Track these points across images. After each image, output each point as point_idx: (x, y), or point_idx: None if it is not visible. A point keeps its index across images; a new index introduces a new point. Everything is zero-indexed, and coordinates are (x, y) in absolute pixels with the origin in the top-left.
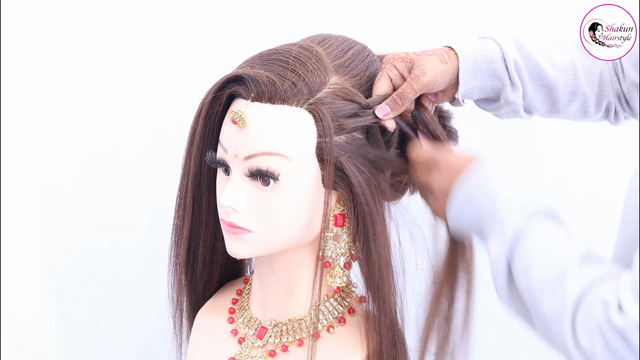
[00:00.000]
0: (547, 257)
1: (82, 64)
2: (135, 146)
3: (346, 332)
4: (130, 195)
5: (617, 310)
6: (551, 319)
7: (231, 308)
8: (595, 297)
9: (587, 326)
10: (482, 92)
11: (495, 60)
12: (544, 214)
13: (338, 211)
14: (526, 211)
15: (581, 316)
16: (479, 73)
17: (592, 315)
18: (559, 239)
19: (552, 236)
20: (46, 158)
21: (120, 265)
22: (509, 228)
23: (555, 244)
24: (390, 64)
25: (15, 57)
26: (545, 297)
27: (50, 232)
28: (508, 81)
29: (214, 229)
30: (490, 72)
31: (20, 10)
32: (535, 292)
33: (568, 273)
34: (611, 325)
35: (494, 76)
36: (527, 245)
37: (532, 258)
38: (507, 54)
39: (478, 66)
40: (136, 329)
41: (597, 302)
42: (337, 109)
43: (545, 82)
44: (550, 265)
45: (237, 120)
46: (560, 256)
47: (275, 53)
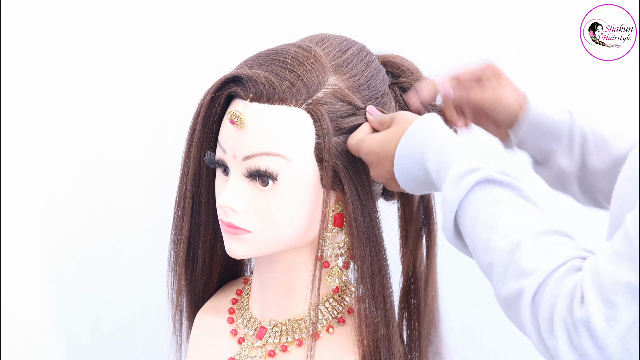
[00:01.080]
0: (490, 233)
1: (82, 65)
2: (134, 148)
3: (346, 332)
4: (130, 197)
5: (580, 302)
6: (508, 304)
7: (231, 308)
8: (560, 288)
9: (550, 320)
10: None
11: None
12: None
13: (337, 211)
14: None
15: (544, 308)
16: (540, 130)
17: (556, 308)
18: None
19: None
20: (46, 160)
21: (121, 267)
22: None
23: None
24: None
25: (16, 58)
26: (497, 281)
27: (51, 233)
28: (565, 144)
29: (214, 229)
30: (553, 133)
31: (20, 12)
32: (487, 274)
33: (518, 255)
34: (574, 318)
35: (554, 137)
36: (467, 220)
37: (474, 235)
38: (577, 121)
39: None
40: (136, 330)
41: (562, 294)
42: (335, 110)
43: (612, 157)
44: (496, 243)
45: (235, 121)
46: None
47: (274, 53)
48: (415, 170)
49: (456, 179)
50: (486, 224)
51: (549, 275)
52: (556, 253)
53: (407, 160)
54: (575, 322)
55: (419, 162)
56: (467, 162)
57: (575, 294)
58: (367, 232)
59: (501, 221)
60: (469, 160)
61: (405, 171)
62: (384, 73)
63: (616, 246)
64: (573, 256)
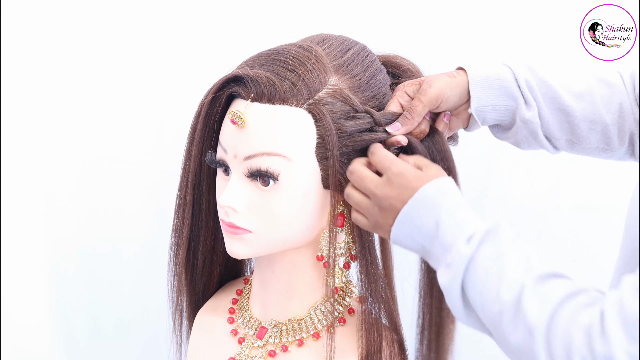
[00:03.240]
0: (498, 284)
1: (82, 65)
2: (135, 148)
3: (346, 332)
4: (130, 197)
5: (600, 337)
6: (520, 350)
7: (231, 308)
8: (574, 325)
9: (568, 359)
10: (496, 111)
11: (506, 79)
12: (489, 234)
13: (338, 211)
14: (471, 237)
15: (558, 347)
16: (490, 90)
17: (573, 347)
18: (506, 261)
19: (500, 259)
20: (46, 160)
21: (121, 267)
22: (457, 256)
23: (504, 266)
24: (401, 91)
25: (16, 58)
26: (507, 327)
27: (51, 232)
28: (521, 99)
29: (214, 229)
30: (502, 90)
31: (20, 12)
32: (497, 323)
33: (524, 298)
34: (594, 354)
35: (506, 95)
36: (476, 274)
37: (484, 287)
38: (518, 74)
39: (489, 83)
40: (136, 330)
41: (578, 332)
42: (336, 110)
43: (561, 105)
44: (504, 291)
45: (236, 121)
46: (512, 279)
47: (275, 53)
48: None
49: (467, 237)
50: (496, 274)
51: (555, 311)
52: (558, 290)
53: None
54: (595, 359)
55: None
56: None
57: (592, 330)
58: (368, 232)
59: (508, 270)
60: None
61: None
62: (385, 73)
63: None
64: (579, 290)
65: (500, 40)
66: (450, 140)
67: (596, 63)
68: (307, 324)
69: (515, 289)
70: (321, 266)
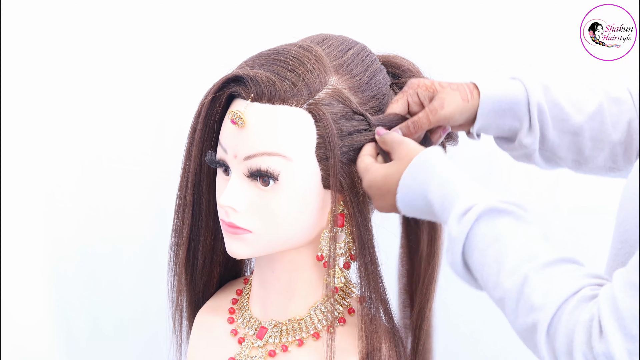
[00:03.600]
0: (498, 269)
1: (82, 66)
2: (135, 148)
3: (346, 332)
4: (130, 197)
5: (599, 335)
6: (524, 337)
7: (231, 308)
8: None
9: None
10: (499, 130)
11: (518, 102)
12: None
13: (338, 211)
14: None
15: (561, 342)
16: (499, 113)
17: (575, 343)
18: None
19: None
20: (46, 160)
21: (121, 267)
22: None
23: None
24: (412, 90)
25: (16, 58)
26: (510, 314)
27: (51, 232)
28: (527, 123)
29: (214, 229)
30: (511, 112)
31: (20, 12)
32: (500, 307)
33: (527, 289)
34: (594, 352)
35: (514, 117)
36: (475, 256)
37: (484, 271)
38: (532, 96)
39: (500, 106)
40: (136, 330)
41: (579, 328)
42: (336, 111)
43: (571, 128)
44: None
45: (236, 121)
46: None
47: (275, 53)
48: (419, 203)
49: (461, 213)
50: (494, 259)
51: (560, 307)
52: (565, 283)
53: (410, 194)
54: (596, 357)
55: (422, 195)
56: (470, 196)
57: (592, 327)
58: (367, 231)
59: (508, 256)
60: (472, 193)
61: (408, 204)
62: (385, 73)
63: (632, 277)
64: (583, 285)
65: (500, 40)
66: (450, 140)
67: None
68: (307, 324)
69: (517, 278)
70: (321, 266)
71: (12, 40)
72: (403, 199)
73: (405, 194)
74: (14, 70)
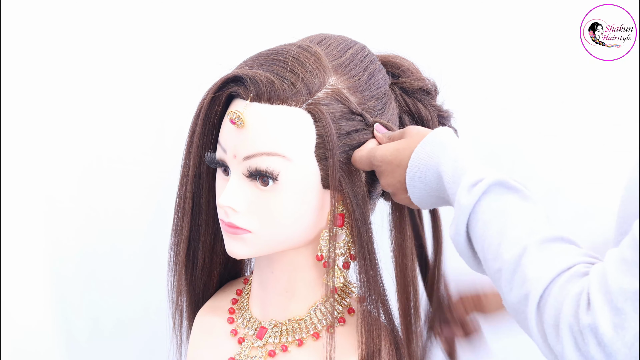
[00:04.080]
0: (500, 240)
1: (82, 66)
2: (135, 148)
3: (346, 332)
4: (130, 197)
5: (586, 308)
6: (516, 310)
7: (231, 308)
8: (565, 294)
9: (556, 326)
10: None
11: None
12: (494, 186)
13: (338, 211)
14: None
15: (548, 314)
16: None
17: (562, 315)
18: (510, 216)
19: (503, 214)
20: (46, 161)
21: (121, 267)
22: (458, 208)
23: (507, 222)
24: None
25: (16, 58)
26: (504, 286)
27: (51, 233)
28: None
29: (214, 229)
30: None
31: (20, 12)
32: (495, 280)
33: (524, 260)
34: (580, 325)
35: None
36: (478, 227)
37: (485, 242)
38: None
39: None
40: (136, 330)
41: (568, 300)
42: (336, 111)
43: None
44: (505, 250)
45: (236, 121)
46: (515, 238)
47: (274, 53)
48: (429, 175)
49: (471, 184)
50: (497, 230)
51: (552, 280)
52: (560, 259)
53: (422, 167)
54: (581, 329)
55: (434, 168)
56: (481, 169)
57: (580, 299)
58: (366, 231)
59: (511, 228)
60: (483, 167)
61: (417, 177)
62: (384, 73)
63: (624, 253)
64: (577, 262)
65: (500, 40)
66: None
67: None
68: (307, 324)
69: (517, 250)
70: (321, 266)
71: (12, 40)
72: (414, 172)
73: (416, 168)
74: (14, 71)
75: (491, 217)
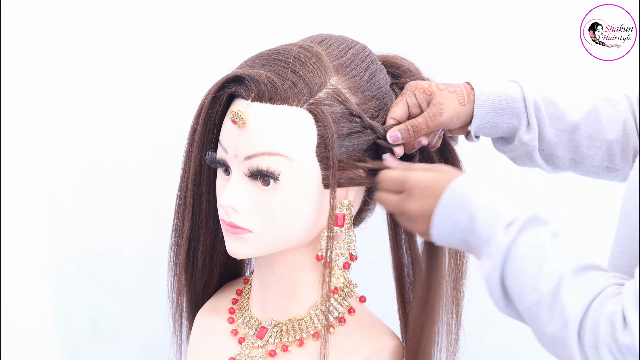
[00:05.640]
0: (537, 273)
1: (82, 65)
2: (135, 147)
3: (346, 332)
4: (130, 197)
5: (623, 328)
6: (555, 340)
7: (231, 308)
8: (600, 316)
9: (596, 349)
10: (498, 129)
11: (514, 99)
12: (528, 223)
13: (338, 211)
14: (509, 225)
15: (588, 338)
16: (496, 111)
17: (599, 336)
18: (546, 250)
19: (539, 249)
20: (46, 160)
21: (121, 267)
22: (495, 246)
23: (544, 256)
24: (410, 92)
25: (16, 58)
26: (543, 317)
27: (51, 232)
28: (525, 120)
29: (214, 229)
30: (508, 110)
31: (20, 12)
32: (533, 313)
33: (562, 290)
34: (619, 345)
35: (512, 114)
36: (515, 263)
37: (523, 276)
38: (528, 94)
39: (497, 104)
40: (136, 330)
41: (603, 321)
42: (336, 111)
43: (567, 125)
44: (543, 282)
45: (237, 120)
46: (551, 270)
47: (276, 53)
48: (460, 215)
49: (507, 224)
50: (534, 264)
51: (589, 305)
52: (594, 284)
53: (456, 199)
54: (621, 349)
55: (466, 207)
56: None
57: (614, 319)
58: None
59: (546, 262)
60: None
61: (447, 214)
62: (385, 73)
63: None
64: (609, 284)
65: (500, 40)
66: (450, 140)
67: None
68: (307, 324)
69: (554, 280)
70: (321, 266)
71: (12, 40)
72: (445, 205)
73: (450, 199)
74: (14, 70)
75: (527, 253)
